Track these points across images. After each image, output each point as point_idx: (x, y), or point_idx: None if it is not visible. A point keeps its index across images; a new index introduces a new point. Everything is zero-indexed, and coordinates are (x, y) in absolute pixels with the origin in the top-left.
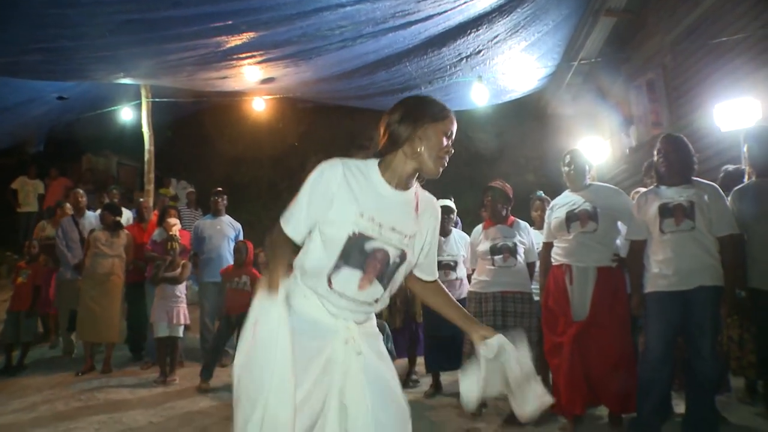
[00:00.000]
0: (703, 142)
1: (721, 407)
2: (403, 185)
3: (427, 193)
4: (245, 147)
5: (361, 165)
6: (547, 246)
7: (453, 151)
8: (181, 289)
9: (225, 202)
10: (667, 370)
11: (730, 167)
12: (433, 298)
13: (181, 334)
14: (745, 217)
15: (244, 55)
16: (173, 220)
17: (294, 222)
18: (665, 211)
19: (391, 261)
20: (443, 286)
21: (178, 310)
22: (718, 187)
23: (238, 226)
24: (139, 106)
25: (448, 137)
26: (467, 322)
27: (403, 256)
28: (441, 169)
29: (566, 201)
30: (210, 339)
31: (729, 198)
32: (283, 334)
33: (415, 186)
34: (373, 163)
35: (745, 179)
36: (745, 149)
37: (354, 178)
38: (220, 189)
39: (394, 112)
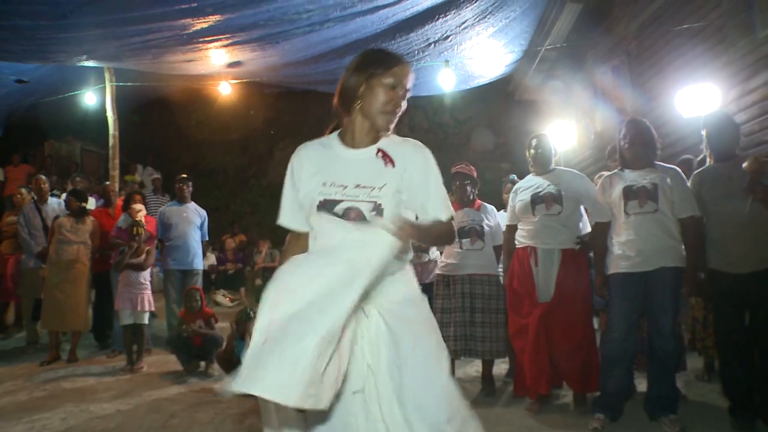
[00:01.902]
0: (666, 128)
1: (681, 385)
2: (363, 143)
3: (397, 139)
4: (212, 132)
5: (324, 139)
6: (511, 228)
7: (403, 104)
8: (146, 276)
9: (190, 188)
10: (630, 349)
11: (685, 156)
12: None
13: (146, 321)
14: (704, 200)
15: (210, 39)
16: (138, 206)
17: (285, 212)
18: (629, 193)
19: (367, 216)
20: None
21: (142, 297)
22: (679, 170)
23: (204, 213)
24: (103, 90)
25: (394, 89)
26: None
27: (377, 207)
28: (391, 125)
29: (531, 184)
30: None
31: (689, 181)
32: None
33: (384, 139)
34: (335, 134)
35: (707, 163)
36: (704, 134)
37: (315, 153)
38: (185, 175)
39: (346, 70)
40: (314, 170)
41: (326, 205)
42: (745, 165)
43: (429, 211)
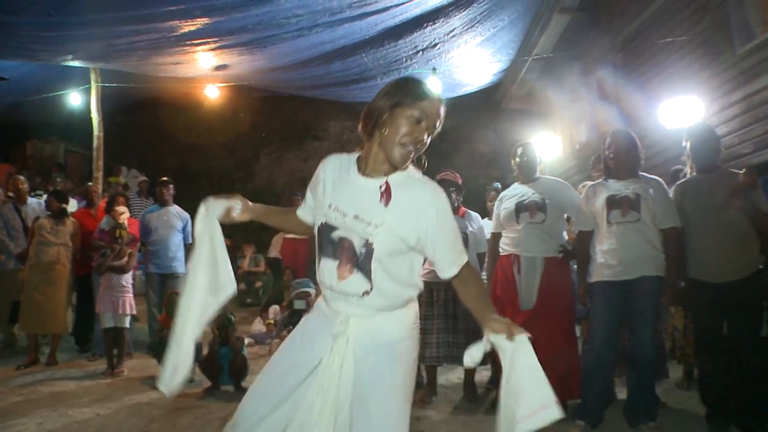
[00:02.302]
0: (650, 139)
1: (661, 393)
2: (376, 173)
3: (416, 177)
4: (198, 135)
5: (347, 157)
6: (496, 236)
7: (424, 141)
8: (128, 279)
9: (171, 191)
10: (611, 357)
11: (676, 167)
12: (462, 288)
13: (127, 325)
14: (686, 210)
15: (197, 41)
16: (121, 208)
17: (303, 205)
18: (613, 202)
19: (357, 250)
20: (473, 277)
21: (123, 300)
22: (662, 181)
23: (186, 216)
24: (88, 91)
25: (418, 123)
26: (484, 313)
27: (368, 246)
28: (406, 160)
29: (516, 192)
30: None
31: (671, 192)
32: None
33: (401, 173)
34: (357, 154)
35: (688, 174)
36: (687, 146)
37: (337, 169)
38: (165, 179)
39: (379, 92)
40: (328, 189)
41: (325, 229)
42: (740, 176)
43: (440, 266)
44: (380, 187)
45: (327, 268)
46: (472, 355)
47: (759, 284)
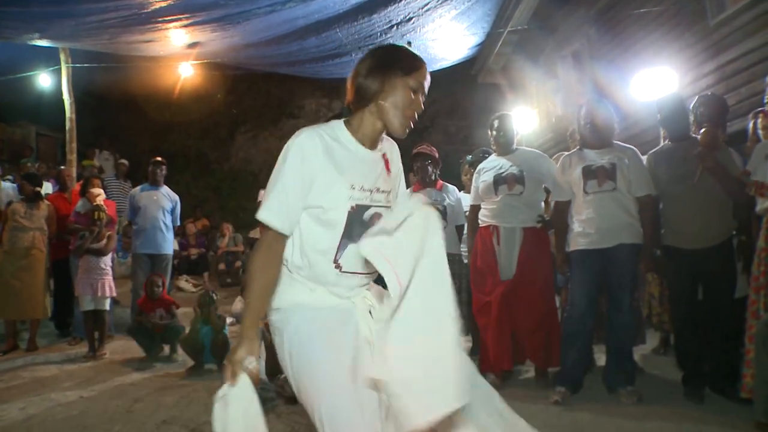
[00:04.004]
0: (625, 109)
1: (638, 359)
2: (375, 144)
3: (388, 141)
4: (172, 116)
5: (330, 131)
6: (475, 208)
7: (422, 108)
8: (107, 261)
9: (164, 172)
10: (589, 324)
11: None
12: None
13: (107, 307)
14: (660, 178)
15: (169, 18)
16: (97, 190)
17: (285, 212)
18: (588, 172)
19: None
20: None
21: (103, 283)
22: (636, 150)
23: (176, 197)
24: (58, 72)
25: (417, 92)
26: None
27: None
28: (407, 129)
29: (493, 165)
30: None
31: (645, 160)
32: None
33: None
34: (339, 125)
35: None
36: (659, 116)
37: (331, 148)
38: (159, 159)
39: (362, 63)
40: (337, 170)
41: (357, 212)
42: (700, 136)
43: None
44: (382, 157)
45: (354, 254)
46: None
47: (732, 249)
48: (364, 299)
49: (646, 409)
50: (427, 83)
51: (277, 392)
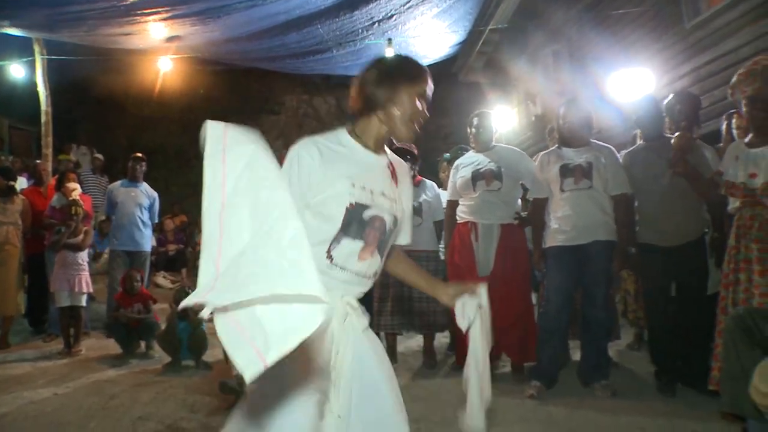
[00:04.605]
0: (602, 110)
1: (613, 354)
2: (379, 149)
3: (391, 152)
4: (152, 111)
5: (332, 137)
6: (452, 204)
7: (428, 114)
8: (83, 257)
9: (144, 168)
10: (565, 320)
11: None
12: (395, 264)
13: (84, 303)
14: (635, 177)
15: (148, 11)
16: (73, 185)
17: None
18: (566, 171)
19: (387, 228)
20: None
21: (80, 278)
22: (613, 149)
23: (154, 194)
24: (31, 63)
25: (423, 100)
26: (432, 283)
27: (395, 222)
28: (413, 135)
29: (471, 161)
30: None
31: (620, 160)
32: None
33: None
34: (342, 131)
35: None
36: (635, 116)
37: (332, 151)
38: (139, 155)
39: (369, 72)
40: (337, 169)
41: (356, 210)
42: (673, 140)
43: (402, 235)
44: (388, 165)
45: (347, 249)
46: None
47: (704, 247)
48: (347, 304)
49: (620, 403)
50: (430, 91)
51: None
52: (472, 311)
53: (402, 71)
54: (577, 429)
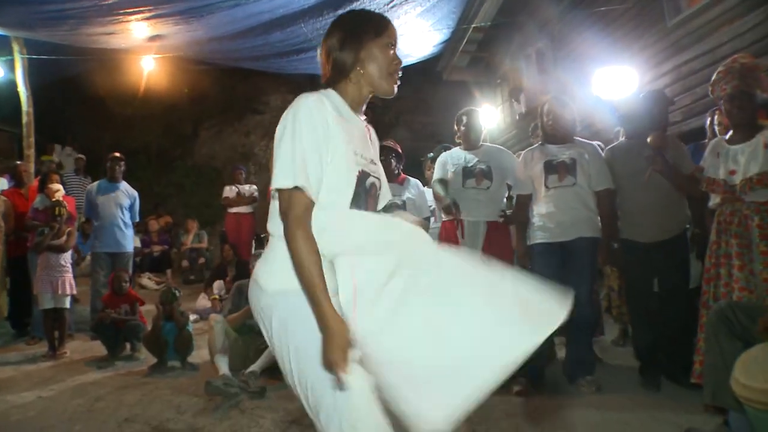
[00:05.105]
0: (585, 107)
1: (598, 350)
2: (358, 111)
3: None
4: (135, 111)
5: (329, 99)
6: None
7: (401, 61)
8: (67, 258)
9: (122, 168)
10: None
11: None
12: None
13: (68, 305)
14: (616, 174)
15: (131, 10)
16: (56, 186)
17: (313, 174)
18: (550, 167)
19: (380, 196)
20: None
21: (63, 280)
22: (596, 145)
23: (135, 193)
24: (11, 63)
25: (393, 48)
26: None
27: (382, 188)
28: (395, 87)
29: (460, 158)
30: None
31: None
32: None
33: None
34: (334, 94)
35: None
36: (618, 114)
37: (335, 113)
38: (117, 155)
39: (331, 37)
40: (343, 134)
41: (362, 178)
42: (648, 139)
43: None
44: (366, 126)
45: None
46: None
47: (686, 242)
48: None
49: (605, 398)
50: (397, 36)
51: (241, 387)
52: None
53: (364, 26)
54: (563, 425)
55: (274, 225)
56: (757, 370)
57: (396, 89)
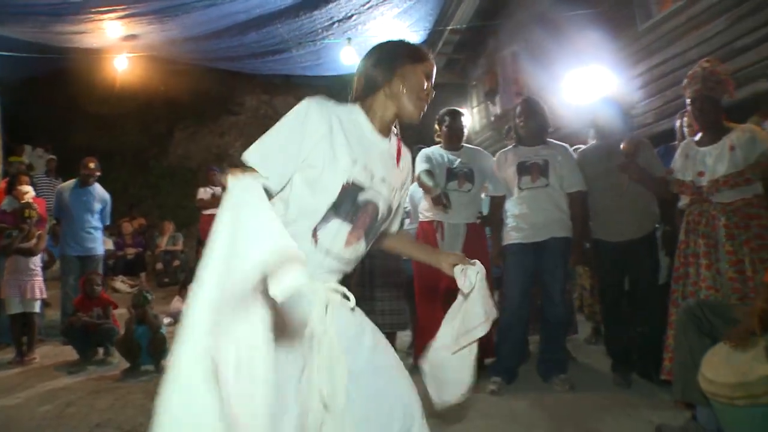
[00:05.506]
0: (561, 109)
1: (571, 348)
2: (386, 131)
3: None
4: (109, 111)
5: (345, 110)
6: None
7: (433, 95)
8: (36, 262)
9: (97, 172)
10: (524, 317)
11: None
12: (394, 240)
13: (37, 309)
14: (588, 175)
15: (104, 9)
16: (25, 188)
17: (272, 163)
18: (523, 169)
19: (380, 215)
20: (402, 231)
21: (32, 284)
22: (569, 147)
23: (107, 196)
24: None
25: (429, 80)
26: (430, 253)
27: (389, 211)
28: (421, 114)
29: (441, 157)
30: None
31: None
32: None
33: (394, 133)
34: (355, 108)
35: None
36: (591, 116)
37: (343, 124)
38: (92, 166)
39: (368, 57)
40: (344, 141)
41: (351, 190)
42: (622, 146)
43: (395, 223)
44: (394, 150)
45: (335, 230)
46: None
47: (655, 241)
48: (330, 290)
49: (578, 396)
50: (434, 72)
51: None
52: (473, 276)
53: (403, 51)
54: (537, 422)
55: None
56: (722, 366)
57: (420, 117)
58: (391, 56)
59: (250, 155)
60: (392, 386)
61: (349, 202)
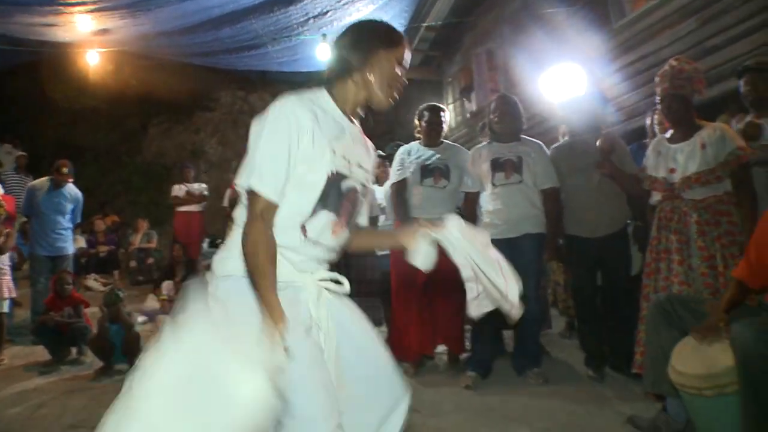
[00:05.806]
0: (535, 106)
1: (545, 342)
2: (353, 116)
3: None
4: (81, 106)
5: (313, 96)
6: (399, 184)
7: (406, 81)
8: (4, 260)
9: (70, 174)
10: (498, 312)
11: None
12: (361, 240)
13: (6, 309)
14: (561, 172)
15: (73, 2)
16: None
17: (275, 179)
18: (497, 165)
19: (359, 201)
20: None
21: (1, 283)
22: (542, 144)
23: (79, 195)
24: None
25: (402, 65)
26: (394, 236)
27: (365, 195)
28: (391, 102)
29: (418, 153)
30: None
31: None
32: None
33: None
34: (323, 94)
35: (562, 139)
36: (563, 113)
37: (316, 112)
38: (65, 170)
39: (344, 36)
40: (321, 133)
41: (335, 179)
42: (598, 143)
43: (360, 219)
44: (360, 133)
45: (323, 221)
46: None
47: (626, 237)
48: (319, 280)
49: (552, 390)
50: (408, 58)
51: None
52: (452, 230)
53: (378, 35)
54: (511, 416)
55: (238, 213)
56: (691, 358)
57: (390, 105)
58: (364, 42)
59: (257, 186)
60: (381, 369)
61: (334, 193)
